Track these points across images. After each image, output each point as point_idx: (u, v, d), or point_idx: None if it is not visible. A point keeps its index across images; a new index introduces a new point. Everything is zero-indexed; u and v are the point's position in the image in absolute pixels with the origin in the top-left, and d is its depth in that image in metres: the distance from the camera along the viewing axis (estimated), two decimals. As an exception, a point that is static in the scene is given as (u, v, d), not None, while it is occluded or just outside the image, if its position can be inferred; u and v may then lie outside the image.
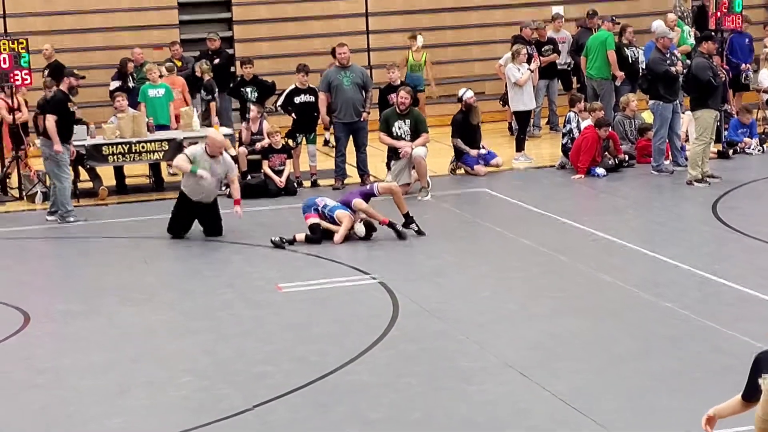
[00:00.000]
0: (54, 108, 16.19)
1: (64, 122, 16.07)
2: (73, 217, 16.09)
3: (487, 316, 11.06)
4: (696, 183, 16.67)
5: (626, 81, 20.32)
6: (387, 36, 24.30)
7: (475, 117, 18.67)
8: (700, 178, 16.71)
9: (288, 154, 17.85)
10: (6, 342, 10.92)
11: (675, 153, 17.94)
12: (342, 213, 14.37)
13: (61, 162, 16.04)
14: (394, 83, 18.53)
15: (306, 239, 14.32)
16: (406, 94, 17.35)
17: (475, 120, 18.67)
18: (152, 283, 13.12)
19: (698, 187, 16.60)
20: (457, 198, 16.80)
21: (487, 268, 13.01)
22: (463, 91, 18.79)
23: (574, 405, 8.51)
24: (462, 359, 9.82)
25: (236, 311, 11.72)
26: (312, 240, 14.30)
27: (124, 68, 20.42)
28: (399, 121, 17.26)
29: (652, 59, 17.87)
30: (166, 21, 23.79)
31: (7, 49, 18.06)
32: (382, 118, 17.56)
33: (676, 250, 13.14)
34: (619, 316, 10.74)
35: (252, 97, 19.28)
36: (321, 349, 10.26)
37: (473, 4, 25.06)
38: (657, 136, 17.66)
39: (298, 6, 24.34)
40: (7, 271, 14.22)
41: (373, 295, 11.95)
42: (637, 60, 20.36)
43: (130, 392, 9.43)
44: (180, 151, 18.04)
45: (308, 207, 14.58)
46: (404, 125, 17.23)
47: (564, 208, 15.91)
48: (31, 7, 23.17)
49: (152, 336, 11.04)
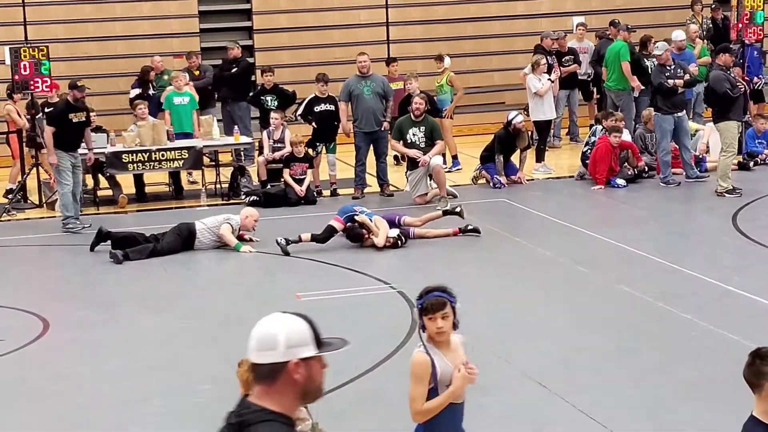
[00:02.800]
0: (52, 119, 16.28)
1: (66, 133, 16.07)
2: (72, 224, 16.08)
3: (506, 327, 11.03)
4: (727, 194, 16.60)
5: (645, 91, 20.26)
6: (407, 45, 24.30)
7: (521, 142, 18.45)
8: (731, 189, 16.64)
9: (309, 164, 17.85)
10: (25, 349, 10.94)
11: (684, 166, 17.86)
12: (379, 219, 14.51)
13: (61, 168, 16.09)
14: (414, 93, 18.49)
15: (312, 238, 14.41)
16: (421, 100, 17.32)
17: (521, 144, 18.47)
18: (171, 291, 13.13)
19: (723, 198, 16.53)
20: (476, 208, 16.76)
21: (507, 278, 12.98)
22: (513, 115, 18.34)
23: (594, 417, 8.47)
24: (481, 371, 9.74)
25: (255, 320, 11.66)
26: (317, 239, 14.40)
27: (146, 76, 20.47)
28: (414, 128, 17.23)
29: (652, 72, 17.92)
30: (187, 29, 23.85)
31: (27, 56, 18.14)
32: (395, 126, 17.52)
33: (696, 262, 13.08)
34: (639, 328, 10.69)
35: (272, 105, 19.29)
36: (340, 358, 10.21)
37: (494, 14, 25.04)
38: (660, 147, 17.66)
39: (319, 15, 24.36)
40: (26, 278, 14.27)
41: (392, 305, 11.93)
42: None
43: (149, 400, 9.42)
44: (200, 160, 18.13)
45: (343, 212, 14.63)
46: (419, 132, 17.19)
47: (584, 218, 15.87)
48: (53, 14, 23.24)
49: (171, 344, 11.04)
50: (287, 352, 3.83)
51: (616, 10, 24.38)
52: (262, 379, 3.88)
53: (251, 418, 3.82)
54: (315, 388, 3.90)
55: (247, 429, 3.81)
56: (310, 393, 3.89)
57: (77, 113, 16.19)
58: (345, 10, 24.46)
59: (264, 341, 3.87)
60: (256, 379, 3.90)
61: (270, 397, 3.84)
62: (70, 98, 16.28)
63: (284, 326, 3.87)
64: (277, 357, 3.83)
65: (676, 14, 24.81)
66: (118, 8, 23.50)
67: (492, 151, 18.39)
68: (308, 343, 3.86)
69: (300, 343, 3.85)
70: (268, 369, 3.84)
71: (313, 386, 3.89)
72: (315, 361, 3.88)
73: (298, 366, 3.83)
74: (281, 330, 3.86)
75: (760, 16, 19.82)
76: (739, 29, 19.74)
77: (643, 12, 25.25)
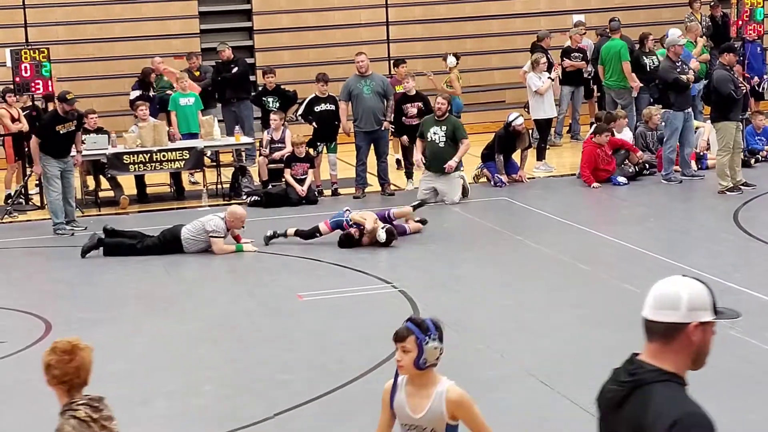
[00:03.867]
0: (38, 130, 16.37)
1: (53, 142, 16.05)
2: (61, 230, 16.11)
3: (507, 325, 11.04)
4: (728, 192, 16.59)
5: (644, 89, 20.29)
6: (407, 45, 24.30)
7: (521, 143, 18.44)
8: (732, 187, 16.62)
9: (311, 164, 17.86)
10: (27, 350, 10.94)
11: (683, 163, 17.83)
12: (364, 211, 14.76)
13: (49, 176, 16.10)
14: (410, 93, 18.49)
15: (296, 233, 14.79)
16: (443, 99, 17.31)
17: (521, 146, 18.46)
18: (173, 291, 13.14)
19: (724, 196, 16.53)
20: (477, 206, 16.76)
21: (508, 276, 12.99)
22: (514, 117, 18.22)
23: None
24: (483, 368, 9.79)
25: (257, 320, 11.72)
26: (301, 234, 14.74)
27: (147, 77, 20.50)
28: (435, 126, 17.19)
29: (662, 67, 17.80)
30: (188, 30, 23.86)
31: (28, 58, 18.16)
32: (420, 124, 17.50)
33: (698, 259, 13.09)
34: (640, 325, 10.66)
35: (274, 106, 19.27)
36: (341, 358, 10.25)
37: (493, 12, 25.06)
38: (667, 144, 17.58)
39: (319, 15, 24.37)
40: (27, 279, 14.29)
41: (393, 304, 11.93)
42: (656, 68, 20.34)
43: (152, 401, 9.44)
44: (201, 160, 18.14)
45: (333, 218, 14.71)
46: (440, 131, 17.16)
47: (585, 216, 15.87)
48: (54, 16, 23.26)
49: (173, 344, 11.06)
50: (689, 314, 3.87)
51: (614, 8, 24.36)
52: (656, 338, 3.93)
53: (647, 377, 3.88)
54: (705, 353, 3.94)
55: (643, 389, 3.87)
56: (700, 357, 3.94)
57: (65, 124, 16.07)
58: (346, 9, 24.46)
59: (666, 300, 3.91)
60: (649, 338, 3.95)
61: (664, 356, 3.90)
62: (59, 110, 16.21)
63: (688, 288, 3.91)
64: (678, 317, 3.87)
65: (675, 12, 24.80)
66: (118, 9, 23.51)
67: (493, 149, 18.38)
68: (708, 308, 3.91)
69: (701, 307, 3.89)
70: (663, 328, 3.90)
71: (704, 351, 3.93)
72: (710, 327, 3.92)
73: (696, 329, 3.87)
74: (685, 292, 3.90)
75: (760, 13, 19.82)
76: (739, 26, 19.73)
77: (641, 10, 25.25)
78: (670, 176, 17.60)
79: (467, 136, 17.37)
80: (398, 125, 18.46)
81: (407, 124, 18.30)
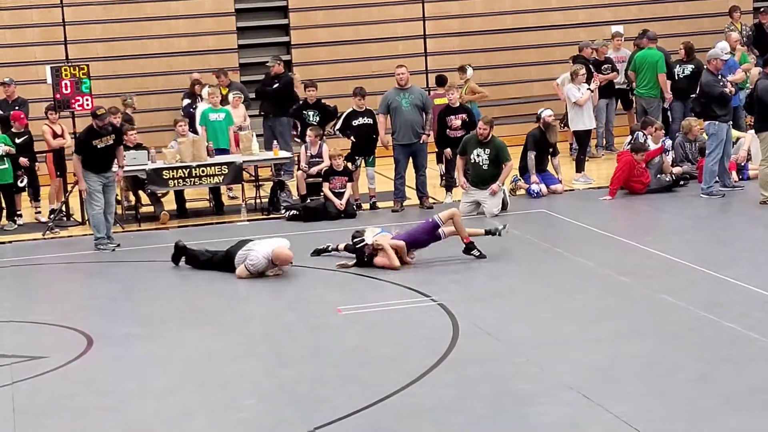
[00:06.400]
0: (77, 147, 16.56)
1: (92, 157, 16.23)
2: (103, 246, 16.23)
3: (547, 338, 11.00)
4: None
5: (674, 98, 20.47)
6: (445, 57, 24.31)
7: (552, 135, 18.63)
8: None
9: (349, 177, 17.89)
10: (70, 365, 11.02)
11: (722, 174, 17.72)
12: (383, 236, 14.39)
13: (91, 191, 16.27)
14: (453, 105, 18.53)
15: (345, 248, 14.67)
16: (485, 124, 17.31)
17: (553, 138, 18.63)
18: (213, 306, 13.19)
19: (766, 206, 16.41)
20: (516, 219, 16.73)
21: (547, 289, 12.95)
22: (543, 110, 18.84)
23: (637, 427, 8.43)
24: (523, 382, 9.77)
25: (297, 334, 11.74)
26: (349, 248, 14.57)
27: (193, 89, 20.80)
28: (479, 148, 17.24)
29: (705, 82, 17.65)
30: (225, 46, 23.97)
31: (68, 75, 18.33)
32: (462, 141, 17.56)
33: (739, 270, 12.99)
34: (682, 338, 10.63)
35: (314, 120, 19.30)
36: (381, 372, 10.25)
37: (530, 24, 25.04)
38: (711, 156, 17.40)
39: (357, 29, 24.45)
40: (69, 294, 14.39)
41: (432, 317, 11.93)
42: (686, 77, 20.40)
43: (193, 416, 9.47)
44: (240, 175, 18.23)
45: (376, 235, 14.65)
46: (483, 153, 17.21)
47: (625, 228, 15.81)
48: (92, 33, 23.44)
49: (214, 359, 11.09)
50: None
51: (652, 19, 24.32)
52: None
53: None
54: None
55: None
56: None
57: (102, 138, 16.25)
58: (383, 23, 24.52)
59: None
60: None
61: None
62: (94, 125, 16.37)
63: None
64: None
65: (715, 21, 24.69)
66: (155, 27, 23.66)
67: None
68: None
69: None
70: None
71: None
72: None
73: None
74: None
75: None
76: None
77: (682, 20, 25.15)
78: (712, 190, 17.42)
79: (510, 158, 17.47)
80: (442, 137, 18.50)
81: (451, 137, 18.34)
